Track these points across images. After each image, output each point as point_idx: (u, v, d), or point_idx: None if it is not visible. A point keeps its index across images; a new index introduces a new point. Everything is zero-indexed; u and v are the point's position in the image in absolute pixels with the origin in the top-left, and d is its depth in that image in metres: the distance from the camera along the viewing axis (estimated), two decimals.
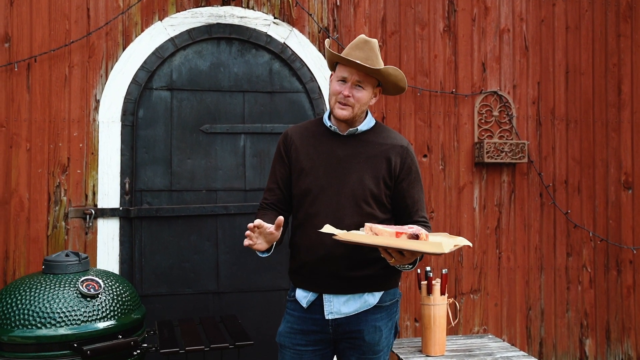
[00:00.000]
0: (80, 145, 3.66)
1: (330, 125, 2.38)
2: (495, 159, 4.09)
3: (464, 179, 4.18)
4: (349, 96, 2.27)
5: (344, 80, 2.29)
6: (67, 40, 3.64)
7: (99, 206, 3.65)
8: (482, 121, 4.20)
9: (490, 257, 4.22)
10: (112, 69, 3.70)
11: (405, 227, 2.02)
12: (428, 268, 3.13)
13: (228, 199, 3.84)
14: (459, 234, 4.16)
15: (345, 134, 2.37)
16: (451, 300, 3.13)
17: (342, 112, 2.30)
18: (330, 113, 2.40)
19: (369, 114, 2.43)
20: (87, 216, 3.62)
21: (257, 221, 2.08)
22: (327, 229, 2.10)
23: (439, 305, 3.05)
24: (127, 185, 3.69)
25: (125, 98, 3.71)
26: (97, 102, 3.68)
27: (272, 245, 2.21)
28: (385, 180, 2.34)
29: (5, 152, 3.57)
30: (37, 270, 3.48)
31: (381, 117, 4.05)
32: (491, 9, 4.25)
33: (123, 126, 3.70)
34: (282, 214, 2.35)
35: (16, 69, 3.57)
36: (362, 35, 2.33)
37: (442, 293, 3.08)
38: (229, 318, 3.29)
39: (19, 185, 3.58)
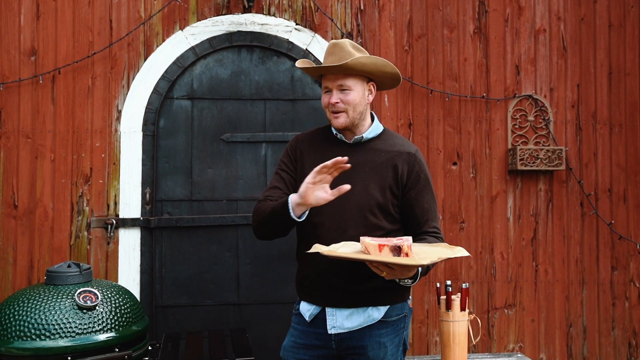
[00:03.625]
0: (103, 155, 3.69)
1: (336, 133, 2.28)
2: (531, 166, 3.87)
3: (496, 187, 3.97)
4: (337, 102, 2.17)
5: (329, 90, 2.20)
6: (90, 52, 3.68)
7: (121, 216, 3.66)
8: (516, 127, 3.98)
9: (526, 269, 3.98)
10: (133, 79, 3.72)
11: (393, 239, 1.89)
12: (448, 282, 2.94)
13: (249, 208, 3.77)
14: (491, 245, 3.96)
15: (351, 142, 2.26)
16: (472, 316, 2.93)
17: (338, 121, 2.21)
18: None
19: (376, 120, 2.31)
20: (109, 226, 3.63)
21: (345, 158, 1.97)
22: (315, 248, 2.00)
23: (458, 322, 2.86)
24: (147, 195, 3.68)
25: (146, 108, 3.71)
26: (119, 112, 3.70)
27: (307, 211, 2.08)
28: (392, 189, 2.21)
29: (31, 162, 3.64)
30: None
31: (408, 124, 3.91)
32: (525, 9, 4.03)
33: (144, 136, 3.70)
34: None
35: (41, 82, 3.63)
36: (332, 40, 2.26)
37: (463, 309, 2.89)
38: (238, 331, 3.22)
39: (43, 195, 3.63)
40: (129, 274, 3.65)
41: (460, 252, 1.91)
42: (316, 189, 2.01)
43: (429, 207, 2.27)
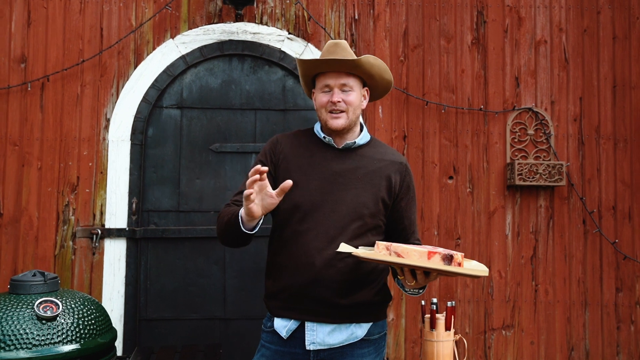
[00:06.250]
0: (90, 164, 3.63)
1: (324, 137, 2.16)
2: (530, 181, 3.73)
3: (494, 203, 3.83)
4: (339, 101, 2.07)
5: (329, 89, 2.10)
6: (79, 60, 3.64)
7: (107, 226, 3.59)
8: (515, 140, 3.85)
9: (525, 289, 3.82)
10: (123, 87, 3.67)
11: (430, 247, 1.83)
12: (434, 300, 2.81)
13: None
14: (489, 263, 3.81)
15: (341, 147, 2.15)
16: (458, 336, 2.79)
17: (337, 122, 2.09)
18: (323, 126, 2.19)
19: (365, 128, 2.22)
20: (94, 236, 3.57)
21: (265, 167, 1.80)
22: (343, 247, 1.90)
23: (442, 342, 2.72)
24: (134, 205, 3.62)
25: (135, 117, 3.66)
26: (108, 120, 3.65)
27: (260, 220, 1.93)
28: (384, 199, 2.12)
29: (18, 170, 3.60)
30: None
31: (402, 136, 3.80)
32: (525, 20, 3.91)
33: (132, 145, 3.64)
34: None
35: (30, 89, 3.60)
36: (332, 40, 2.15)
37: (448, 328, 2.75)
38: (213, 347, 3.11)
39: (29, 203, 3.58)
40: (114, 285, 3.57)
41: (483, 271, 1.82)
42: (259, 201, 1.86)
43: (414, 218, 2.23)
